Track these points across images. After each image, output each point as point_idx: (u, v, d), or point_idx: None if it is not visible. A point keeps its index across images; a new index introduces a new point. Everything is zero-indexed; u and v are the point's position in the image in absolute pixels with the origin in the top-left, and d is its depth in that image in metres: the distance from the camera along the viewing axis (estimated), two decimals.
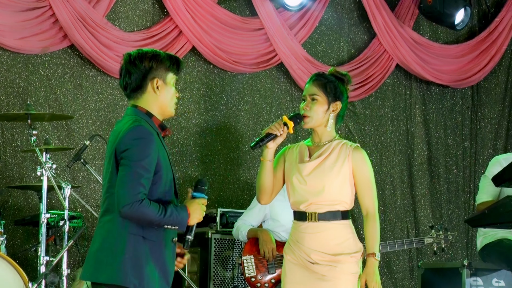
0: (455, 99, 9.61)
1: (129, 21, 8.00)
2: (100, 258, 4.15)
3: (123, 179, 4.07)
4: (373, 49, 9.04)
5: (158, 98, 4.30)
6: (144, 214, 4.06)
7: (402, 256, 9.04)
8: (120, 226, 4.12)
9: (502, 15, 9.54)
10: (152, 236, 4.16)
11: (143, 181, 4.07)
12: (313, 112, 4.76)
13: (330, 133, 4.83)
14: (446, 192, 9.48)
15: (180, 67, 4.36)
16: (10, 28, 7.31)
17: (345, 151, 4.75)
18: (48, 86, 7.60)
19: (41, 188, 6.33)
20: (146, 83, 4.28)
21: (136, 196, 4.04)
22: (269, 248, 6.47)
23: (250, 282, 6.55)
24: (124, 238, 4.12)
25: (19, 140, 7.41)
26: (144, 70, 4.27)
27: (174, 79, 4.34)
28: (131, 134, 4.13)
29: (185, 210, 4.21)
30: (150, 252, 4.15)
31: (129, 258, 4.11)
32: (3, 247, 6.31)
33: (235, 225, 6.80)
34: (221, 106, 8.39)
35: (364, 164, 4.77)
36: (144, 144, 4.12)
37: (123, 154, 4.11)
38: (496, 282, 6.65)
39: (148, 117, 4.27)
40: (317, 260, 4.67)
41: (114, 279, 4.11)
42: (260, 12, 8.40)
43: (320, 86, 4.79)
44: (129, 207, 4.03)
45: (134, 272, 4.11)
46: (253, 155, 8.50)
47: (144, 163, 4.09)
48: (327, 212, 4.68)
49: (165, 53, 4.36)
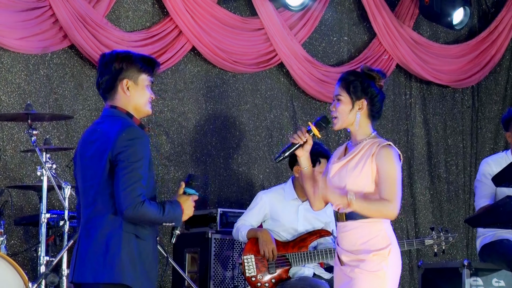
0: (455, 99, 9.61)
1: (129, 21, 8.00)
2: (95, 258, 4.17)
3: (124, 182, 4.09)
4: (373, 49, 9.04)
5: (129, 99, 4.31)
6: (147, 214, 4.11)
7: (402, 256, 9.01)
8: (115, 225, 4.16)
9: (502, 15, 9.54)
10: (144, 235, 4.20)
11: (143, 182, 4.11)
12: (339, 113, 4.74)
13: (364, 131, 4.80)
14: (446, 192, 9.47)
15: (155, 69, 4.36)
16: (10, 28, 7.30)
17: (371, 149, 4.72)
18: (48, 86, 7.60)
19: (41, 188, 6.33)
20: (116, 84, 4.30)
21: (138, 198, 4.08)
22: (269, 248, 6.47)
23: (251, 282, 6.55)
24: (120, 237, 4.15)
25: (19, 140, 7.41)
26: (115, 71, 4.30)
27: (148, 80, 4.34)
28: (126, 136, 4.16)
29: (179, 206, 4.26)
30: (141, 250, 4.19)
31: (125, 255, 4.14)
32: (3, 247, 6.31)
33: (235, 225, 6.80)
34: (221, 106, 8.39)
35: (386, 161, 4.73)
36: (139, 144, 4.15)
37: (120, 156, 4.12)
38: (496, 282, 6.65)
39: (129, 118, 4.30)
40: (345, 261, 4.66)
41: (114, 277, 4.13)
42: (260, 12, 8.40)
43: (343, 86, 4.75)
44: (132, 209, 4.07)
45: (132, 270, 4.14)
46: (253, 155, 8.50)
47: (142, 164, 4.12)
48: (352, 211, 4.63)
49: (140, 55, 4.37)
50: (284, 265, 6.53)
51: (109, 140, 4.17)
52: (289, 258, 6.52)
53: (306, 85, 8.65)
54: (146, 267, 4.22)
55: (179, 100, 8.20)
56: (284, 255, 6.52)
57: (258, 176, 8.50)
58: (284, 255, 6.52)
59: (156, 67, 4.37)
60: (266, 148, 8.54)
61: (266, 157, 8.53)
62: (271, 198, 6.69)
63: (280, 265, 6.52)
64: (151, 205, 4.12)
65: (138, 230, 4.18)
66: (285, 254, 6.52)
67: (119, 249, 4.13)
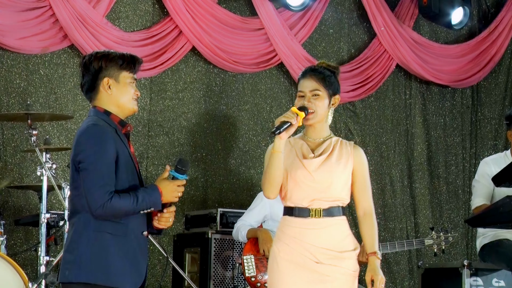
0: (455, 99, 9.61)
1: (129, 21, 8.00)
2: (66, 258, 4.22)
3: (88, 184, 4.12)
4: (373, 49, 9.04)
5: (112, 97, 4.32)
6: (118, 208, 4.12)
7: (402, 256, 9.03)
8: (84, 225, 4.18)
9: (502, 15, 9.54)
10: (118, 231, 4.19)
11: (106, 179, 4.12)
12: (318, 107, 4.65)
13: (327, 128, 4.77)
14: (446, 192, 9.47)
15: (135, 65, 4.35)
16: (10, 28, 7.31)
17: (346, 149, 4.70)
18: (48, 86, 7.60)
19: (41, 188, 6.33)
20: (97, 83, 4.32)
21: (104, 196, 4.09)
22: (268, 247, 6.46)
23: (250, 282, 6.55)
24: (88, 236, 4.16)
25: (19, 140, 7.41)
26: (94, 71, 4.32)
27: (130, 77, 4.33)
28: (83, 136, 4.19)
29: (155, 189, 4.22)
30: (118, 247, 4.18)
31: (94, 254, 4.14)
32: (3, 247, 6.31)
33: (235, 226, 6.80)
34: (221, 106, 8.39)
35: (365, 163, 4.73)
36: (98, 141, 4.16)
37: (80, 157, 4.16)
38: (496, 282, 6.64)
39: (106, 116, 4.30)
40: (322, 259, 4.58)
41: (81, 276, 4.14)
42: (260, 12, 8.40)
43: (320, 81, 4.69)
44: (101, 209, 4.10)
45: (101, 268, 4.14)
46: (253, 155, 8.51)
47: (103, 160, 4.13)
48: (330, 207, 4.62)
49: (119, 52, 4.37)
50: None
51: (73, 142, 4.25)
52: None
53: None
54: (129, 262, 4.20)
55: (179, 100, 8.20)
56: None
57: (258, 176, 8.49)
58: None
59: (137, 64, 4.37)
60: (266, 148, 8.52)
61: None
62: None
63: None
64: (121, 198, 4.12)
65: (110, 227, 4.17)
66: None
67: (88, 248, 4.14)
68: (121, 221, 4.19)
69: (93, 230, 4.16)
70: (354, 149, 4.72)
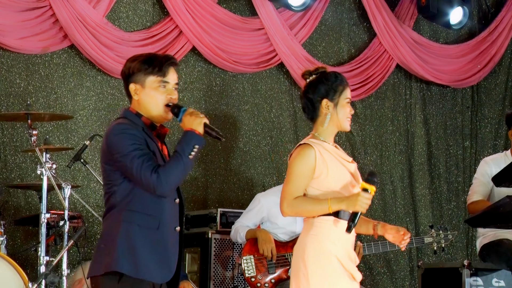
0: (455, 99, 9.61)
1: (129, 21, 8.00)
2: (98, 252, 4.24)
3: (134, 170, 4.12)
4: (373, 49, 9.04)
5: (140, 102, 4.33)
6: (172, 171, 4.15)
7: (402, 256, 9.03)
8: (115, 216, 4.20)
9: (502, 15, 9.54)
10: (149, 223, 4.20)
11: (146, 158, 4.14)
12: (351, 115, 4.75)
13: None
14: (446, 192, 9.48)
15: (164, 66, 4.32)
16: (10, 28, 7.30)
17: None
18: (48, 86, 7.60)
19: (41, 188, 6.32)
20: (128, 88, 4.36)
21: (153, 173, 4.11)
22: (268, 247, 6.47)
23: (250, 282, 6.55)
24: (118, 226, 4.17)
25: (19, 140, 7.41)
26: (125, 77, 4.35)
27: (157, 81, 4.31)
28: (110, 135, 4.22)
29: (184, 132, 4.29)
30: (147, 239, 4.18)
31: (122, 244, 4.15)
32: (3, 247, 6.31)
33: (233, 227, 6.79)
34: (221, 106, 8.39)
35: None
36: (125, 134, 4.18)
37: (115, 156, 4.17)
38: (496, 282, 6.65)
39: (137, 117, 4.32)
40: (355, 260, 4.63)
41: (107, 266, 4.15)
42: (260, 12, 8.40)
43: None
44: (160, 184, 4.12)
45: (128, 258, 4.14)
46: (253, 155, 8.50)
47: (135, 145, 4.15)
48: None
49: (148, 55, 4.36)
50: (284, 265, 6.53)
51: (103, 140, 4.27)
52: (289, 258, 6.52)
53: None
54: (158, 255, 4.19)
55: (179, 100, 8.19)
56: (283, 255, 6.52)
57: (258, 176, 8.50)
58: (284, 255, 6.52)
59: (166, 64, 4.32)
60: (266, 148, 8.54)
61: (266, 157, 8.53)
62: (269, 200, 6.67)
63: (280, 265, 6.52)
64: (166, 163, 4.17)
65: (140, 219, 4.18)
66: (285, 254, 6.52)
67: (116, 238, 4.15)
68: (153, 214, 4.20)
69: (122, 221, 4.17)
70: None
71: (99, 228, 7.59)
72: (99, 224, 7.42)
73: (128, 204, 4.19)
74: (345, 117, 4.66)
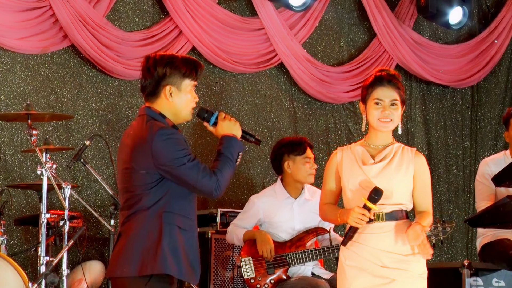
0: (455, 99, 9.62)
1: (129, 21, 8.00)
2: (135, 251, 4.18)
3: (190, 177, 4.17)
4: (373, 49, 9.05)
5: (171, 104, 4.33)
6: (225, 175, 4.26)
7: None
8: (155, 217, 4.19)
9: (502, 15, 9.54)
10: (186, 225, 4.23)
11: (199, 165, 4.20)
12: (395, 117, 4.74)
13: (391, 135, 4.82)
14: (446, 192, 9.47)
15: (198, 71, 4.36)
16: (10, 28, 7.31)
17: (407, 155, 4.72)
18: (48, 86, 7.60)
19: (41, 188, 6.33)
20: (159, 89, 4.32)
21: (211, 177, 4.20)
22: (267, 247, 6.45)
23: (250, 284, 6.53)
24: (161, 228, 4.17)
25: (19, 140, 7.41)
26: (157, 77, 4.31)
27: (191, 85, 4.34)
28: (156, 140, 4.19)
29: (225, 137, 4.33)
30: (185, 241, 4.21)
31: (167, 246, 4.16)
32: (3, 247, 6.31)
33: (228, 230, 6.75)
34: (221, 106, 8.39)
35: (426, 170, 4.71)
36: (172, 140, 4.19)
37: (161, 161, 4.16)
38: (496, 282, 6.64)
39: (162, 118, 4.31)
40: (387, 263, 4.54)
41: (158, 268, 4.14)
42: (260, 12, 8.40)
43: (397, 90, 4.72)
44: (217, 187, 4.21)
45: (174, 260, 4.17)
46: (253, 155, 8.50)
47: (184, 151, 4.19)
48: (392, 211, 4.58)
49: (183, 58, 4.37)
50: (283, 265, 6.52)
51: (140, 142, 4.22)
52: (287, 258, 6.50)
53: (306, 85, 8.65)
54: (191, 258, 4.24)
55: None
56: (282, 255, 6.50)
57: (258, 176, 8.50)
58: (282, 255, 6.51)
59: (199, 70, 4.37)
60: (266, 148, 8.54)
61: (266, 157, 8.53)
62: (264, 201, 6.65)
63: (279, 265, 6.51)
64: (218, 166, 4.24)
65: (179, 221, 4.20)
66: (283, 254, 6.50)
67: (161, 240, 4.15)
68: (189, 216, 4.24)
69: (164, 223, 4.18)
70: (415, 156, 4.73)
71: (99, 228, 7.59)
72: (99, 224, 7.41)
73: (166, 206, 4.20)
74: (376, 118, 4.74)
